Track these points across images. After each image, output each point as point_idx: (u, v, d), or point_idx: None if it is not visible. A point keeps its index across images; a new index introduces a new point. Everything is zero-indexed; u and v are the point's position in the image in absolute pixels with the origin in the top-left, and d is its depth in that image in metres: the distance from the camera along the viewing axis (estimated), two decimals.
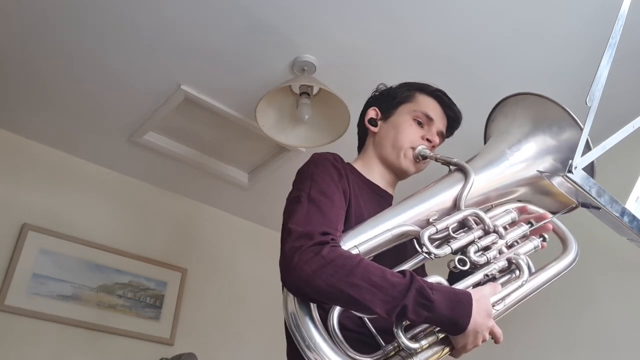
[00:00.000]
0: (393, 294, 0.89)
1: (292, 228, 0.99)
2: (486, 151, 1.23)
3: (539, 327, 2.11)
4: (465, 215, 1.08)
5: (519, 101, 1.25)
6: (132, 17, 1.77)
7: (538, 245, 1.14)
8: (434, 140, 1.31)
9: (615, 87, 1.65)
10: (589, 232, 2.03)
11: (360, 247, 1.00)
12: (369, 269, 0.92)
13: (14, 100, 2.20)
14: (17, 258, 2.22)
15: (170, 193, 2.80)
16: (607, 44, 0.90)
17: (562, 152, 1.17)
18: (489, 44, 1.82)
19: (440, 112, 1.35)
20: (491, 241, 1.07)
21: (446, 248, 1.02)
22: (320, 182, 1.09)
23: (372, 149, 1.35)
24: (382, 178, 1.31)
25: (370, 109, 1.39)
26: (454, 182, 1.15)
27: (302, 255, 0.93)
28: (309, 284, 0.92)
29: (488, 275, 1.03)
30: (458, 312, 0.91)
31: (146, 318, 2.46)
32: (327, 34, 1.81)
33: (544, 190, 1.22)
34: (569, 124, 1.15)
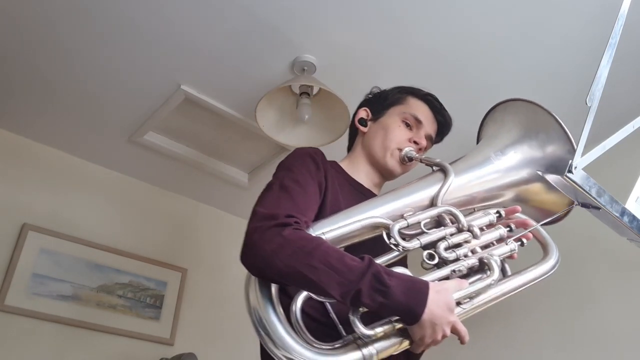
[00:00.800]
0: (349, 277, 0.88)
1: (257, 210, 1.00)
2: (471, 154, 1.23)
3: (538, 326, 2.11)
4: (439, 212, 1.07)
5: (507, 107, 1.25)
6: (132, 17, 1.77)
7: (515, 249, 1.13)
8: (421, 142, 1.31)
9: (615, 87, 1.65)
10: (589, 232, 2.04)
11: (327, 235, 1.00)
12: (328, 251, 0.92)
13: (15, 100, 2.20)
14: (17, 258, 2.22)
15: (170, 193, 2.80)
16: (607, 44, 0.90)
17: (548, 159, 1.16)
18: (489, 44, 1.82)
19: (431, 116, 1.35)
20: (463, 239, 1.06)
21: (415, 242, 1.01)
22: (296, 172, 1.11)
23: (361, 148, 1.36)
24: (367, 178, 1.32)
25: (361, 109, 1.40)
26: (433, 182, 1.14)
27: (263, 234, 0.93)
28: (268, 264, 0.92)
29: (455, 272, 1.01)
30: (413, 300, 0.89)
31: (146, 318, 2.46)
32: (327, 34, 1.81)
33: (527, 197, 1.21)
34: (555, 130, 1.13)
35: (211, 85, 2.07)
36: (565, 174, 0.85)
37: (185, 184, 2.73)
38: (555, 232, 2.12)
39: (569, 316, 2.04)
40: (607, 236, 1.36)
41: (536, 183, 1.18)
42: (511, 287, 1.12)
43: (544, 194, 1.18)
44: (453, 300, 0.96)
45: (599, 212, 0.93)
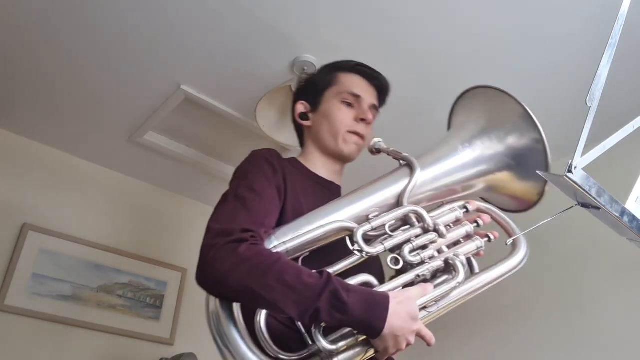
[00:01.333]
0: (307, 296, 0.86)
1: (211, 226, 0.98)
2: (439, 146, 1.20)
3: (538, 326, 2.11)
4: (404, 212, 1.05)
5: (477, 94, 1.21)
6: (132, 17, 1.77)
7: (481, 245, 1.11)
8: (367, 117, 1.29)
9: (615, 87, 1.65)
10: (589, 232, 2.04)
11: (289, 244, 0.98)
12: (284, 268, 0.89)
13: (15, 100, 2.20)
14: (17, 258, 2.22)
15: (170, 193, 2.80)
16: (607, 44, 0.90)
17: (516, 149, 1.14)
18: (489, 44, 1.82)
19: (366, 85, 1.32)
20: (429, 240, 1.04)
21: (379, 246, 1.00)
22: (251, 178, 1.07)
23: (311, 142, 1.33)
24: (326, 168, 1.29)
25: (298, 103, 1.36)
26: (399, 178, 1.12)
27: (217, 253, 0.91)
28: (223, 284, 0.90)
29: (420, 276, 1.00)
30: (372, 316, 0.88)
31: (146, 318, 2.46)
32: (327, 34, 1.81)
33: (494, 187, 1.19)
34: (523, 119, 1.11)
35: (211, 85, 2.07)
36: (565, 173, 0.84)
37: (185, 184, 2.73)
38: (555, 232, 2.13)
39: (568, 316, 2.04)
40: (607, 236, 1.36)
41: (505, 172, 1.16)
42: (479, 285, 1.09)
43: (514, 183, 1.16)
44: (416, 308, 0.94)
45: (599, 212, 0.92)
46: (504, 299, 2.26)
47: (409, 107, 2.06)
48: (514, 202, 1.19)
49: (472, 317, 2.32)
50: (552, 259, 2.18)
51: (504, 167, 1.15)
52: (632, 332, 1.85)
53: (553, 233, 2.12)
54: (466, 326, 2.33)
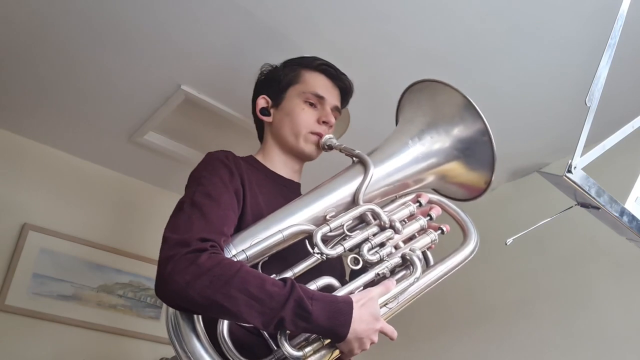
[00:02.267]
0: (271, 306, 0.86)
1: (167, 236, 0.95)
2: (389, 142, 1.22)
3: (537, 326, 2.12)
4: (361, 212, 1.07)
5: (423, 88, 1.25)
6: (132, 18, 1.77)
7: (435, 238, 1.14)
8: (329, 120, 1.29)
9: (615, 87, 1.65)
10: (589, 232, 2.04)
11: (248, 252, 0.97)
12: (247, 278, 0.88)
13: (15, 100, 2.20)
14: (17, 258, 2.22)
15: (170, 193, 2.80)
16: (607, 44, 0.90)
17: (464, 141, 1.17)
18: (488, 44, 1.82)
19: (330, 85, 1.32)
20: (386, 237, 1.06)
21: (339, 247, 1.01)
22: (206, 184, 1.05)
23: (271, 139, 1.31)
24: (285, 166, 1.29)
25: (260, 98, 1.34)
26: (353, 176, 1.14)
27: (176, 264, 0.88)
28: (183, 296, 0.87)
29: (379, 275, 1.02)
30: (336, 323, 0.89)
31: (146, 318, 2.46)
32: (327, 34, 1.81)
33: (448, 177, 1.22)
34: (470, 113, 1.14)
35: (211, 85, 2.07)
36: (564, 173, 0.85)
37: (185, 184, 2.73)
38: (555, 232, 2.13)
39: (568, 316, 2.04)
40: (606, 236, 1.36)
41: (454, 163, 1.19)
42: (435, 277, 1.13)
43: (463, 174, 1.20)
44: (378, 308, 0.95)
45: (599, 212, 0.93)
46: (504, 299, 2.26)
47: None
48: (463, 190, 1.22)
49: (471, 317, 2.33)
50: (552, 259, 2.18)
51: (453, 158, 1.18)
52: (631, 332, 1.85)
53: (553, 233, 2.13)
54: (466, 326, 2.33)
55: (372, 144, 1.35)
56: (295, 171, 1.31)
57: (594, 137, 0.88)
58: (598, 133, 0.93)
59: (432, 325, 1.07)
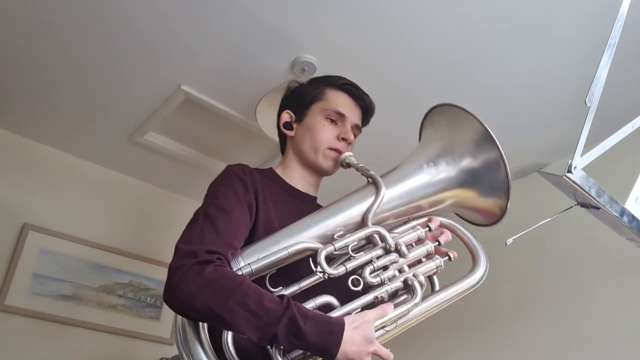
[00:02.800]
0: (266, 321, 0.90)
1: (179, 246, 1.01)
2: (405, 164, 1.24)
3: (537, 327, 2.12)
4: (367, 234, 1.09)
5: (444, 112, 1.24)
6: (132, 18, 1.77)
7: (441, 264, 1.14)
8: (349, 137, 1.31)
9: (615, 87, 1.65)
10: (589, 232, 2.04)
11: (254, 266, 1.01)
12: (247, 293, 0.92)
13: (15, 100, 2.20)
14: (18, 258, 2.23)
15: (170, 193, 2.81)
16: (607, 44, 0.90)
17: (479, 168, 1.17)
18: (489, 44, 1.82)
19: (352, 104, 1.35)
20: (390, 260, 1.08)
21: (341, 268, 1.03)
22: (221, 197, 1.09)
23: (292, 152, 1.36)
24: (303, 181, 1.32)
25: (284, 112, 1.38)
26: (365, 196, 1.15)
27: (184, 275, 0.94)
28: (188, 306, 0.94)
29: (378, 298, 1.04)
30: (327, 342, 0.92)
31: (146, 318, 2.47)
32: (327, 34, 1.81)
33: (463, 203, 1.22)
34: (486, 140, 1.14)
35: (211, 85, 2.07)
36: (564, 174, 0.85)
37: (185, 184, 2.73)
38: (555, 232, 2.14)
39: (568, 316, 2.04)
40: (606, 236, 1.36)
41: (469, 190, 1.19)
42: (439, 302, 1.13)
43: (478, 200, 1.20)
44: (372, 331, 0.97)
45: (599, 212, 0.93)
46: (504, 299, 2.26)
47: (408, 107, 2.07)
48: (480, 216, 1.23)
49: (472, 317, 2.33)
50: (552, 259, 2.18)
51: (468, 185, 1.19)
52: (631, 332, 1.85)
53: (553, 233, 2.13)
54: (466, 326, 2.33)
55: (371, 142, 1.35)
56: (312, 185, 1.35)
57: (594, 137, 0.88)
58: (598, 133, 0.93)
59: (432, 326, 1.07)
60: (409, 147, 1.45)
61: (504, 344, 2.20)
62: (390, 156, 1.51)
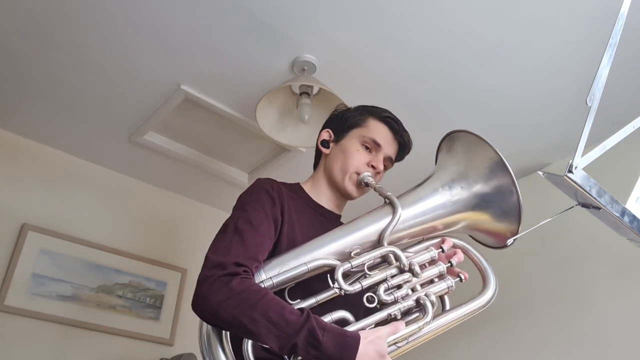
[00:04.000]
0: (287, 332, 0.97)
1: (209, 256, 1.07)
2: (422, 186, 1.29)
3: (538, 327, 2.11)
4: (382, 253, 1.15)
5: (460, 137, 1.29)
6: (132, 17, 1.77)
7: (452, 285, 1.19)
8: (378, 167, 1.35)
9: (615, 87, 1.65)
10: (590, 232, 2.04)
11: (275, 279, 1.08)
12: (269, 305, 0.99)
13: (15, 100, 2.20)
14: (17, 258, 2.22)
15: (170, 193, 2.80)
16: (607, 44, 0.90)
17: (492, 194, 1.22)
18: (489, 45, 1.81)
19: (390, 137, 1.38)
20: (404, 280, 1.13)
21: (357, 285, 1.09)
22: (250, 211, 1.16)
23: (322, 170, 1.40)
24: (328, 200, 1.37)
25: (324, 130, 1.44)
26: (382, 216, 1.20)
27: (212, 285, 1.01)
28: (214, 314, 1.01)
29: (391, 315, 1.09)
30: (343, 354, 0.97)
31: (146, 318, 2.46)
32: (327, 34, 1.81)
33: (475, 226, 1.27)
34: (500, 168, 1.19)
35: (211, 85, 2.07)
36: (565, 174, 0.84)
37: (185, 184, 2.73)
38: (556, 232, 2.13)
39: (568, 316, 2.04)
40: (607, 236, 1.36)
41: (481, 214, 1.24)
42: (448, 322, 1.19)
43: (490, 224, 1.25)
44: (385, 346, 1.02)
45: (599, 212, 0.92)
46: (504, 299, 2.25)
47: (408, 107, 2.06)
48: (492, 239, 1.27)
49: (472, 318, 2.32)
50: (552, 259, 2.18)
51: (481, 208, 1.24)
52: (632, 331, 1.85)
53: (553, 233, 2.13)
54: (466, 326, 2.32)
55: None
56: (337, 206, 1.40)
57: (594, 137, 0.87)
58: (599, 133, 0.93)
59: None
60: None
61: (504, 344, 2.20)
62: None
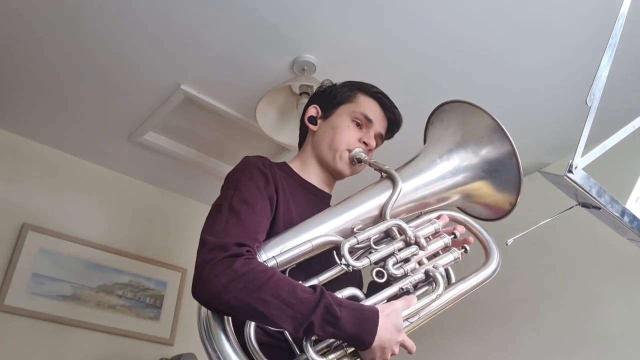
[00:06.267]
0: (301, 311, 0.90)
1: (207, 239, 0.98)
2: (418, 159, 1.25)
3: (538, 327, 2.11)
4: (387, 227, 1.09)
5: (453, 108, 1.26)
6: (132, 17, 1.77)
7: (458, 256, 1.16)
8: (370, 143, 1.30)
9: (615, 87, 1.65)
10: (590, 232, 2.04)
11: (278, 259, 1.00)
12: (279, 284, 0.91)
13: (14, 100, 2.20)
14: (17, 258, 2.22)
15: (170, 193, 2.80)
16: (607, 44, 0.90)
17: (491, 162, 1.19)
18: (489, 44, 1.81)
19: (381, 114, 1.34)
20: (411, 253, 1.08)
21: (365, 260, 1.03)
22: (243, 189, 1.07)
23: (310, 148, 1.34)
24: (318, 178, 1.31)
25: (312, 106, 1.37)
26: (382, 190, 1.16)
27: (214, 268, 0.92)
28: (219, 299, 0.91)
29: (403, 289, 1.05)
30: (363, 330, 0.92)
31: (146, 318, 2.46)
32: (327, 34, 1.81)
33: (473, 197, 1.24)
34: (498, 135, 1.16)
35: (211, 85, 2.07)
36: (565, 174, 0.84)
37: (185, 183, 2.73)
38: (556, 232, 2.13)
39: (569, 316, 2.04)
40: (607, 236, 1.36)
41: (480, 183, 1.21)
42: (456, 295, 1.14)
43: (489, 194, 1.22)
44: (401, 321, 0.98)
45: (599, 212, 0.92)
46: (504, 299, 2.26)
47: (408, 107, 2.06)
48: (488, 211, 1.24)
49: (473, 317, 2.32)
50: (553, 259, 2.18)
51: (479, 178, 1.20)
52: (631, 331, 1.85)
53: (554, 233, 2.12)
54: (467, 326, 2.33)
55: None
56: (327, 184, 1.34)
57: (594, 137, 0.87)
58: (599, 133, 0.93)
59: (432, 325, 1.07)
60: (408, 146, 1.45)
61: (505, 344, 2.20)
62: (390, 155, 1.51)
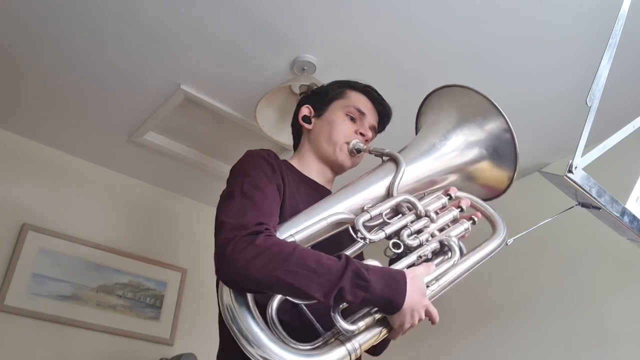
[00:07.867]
0: (330, 278, 0.90)
1: (225, 221, 0.99)
2: (417, 142, 1.29)
3: (538, 327, 2.11)
4: (398, 202, 1.12)
5: (443, 94, 1.30)
6: (132, 17, 1.77)
7: (468, 227, 1.18)
8: (367, 134, 1.35)
9: (615, 87, 1.65)
10: (590, 232, 2.04)
11: (296, 236, 1.01)
12: (304, 254, 0.93)
13: (14, 100, 2.20)
14: (17, 258, 2.22)
15: (170, 193, 2.80)
16: (607, 44, 0.90)
17: (488, 139, 1.24)
18: (489, 44, 1.82)
19: (371, 107, 1.39)
20: (423, 225, 1.11)
21: (380, 233, 1.05)
22: (253, 176, 1.10)
23: (308, 145, 1.37)
24: (319, 174, 1.34)
25: (304, 106, 1.41)
26: (386, 172, 1.19)
27: (236, 245, 0.92)
28: (244, 275, 0.91)
29: (421, 257, 1.06)
30: (393, 290, 0.93)
31: (146, 318, 2.46)
32: (327, 34, 1.81)
33: (471, 177, 1.28)
34: (491, 112, 1.21)
35: (211, 85, 2.07)
36: (565, 173, 0.84)
37: (185, 183, 2.73)
38: (556, 232, 2.13)
39: (568, 316, 2.04)
40: (607, 236, 1.36)
41: (480, 162, 1.25)
42: (469, 265, 1.15)
43: (488, 172, 1.26)
44: (424, 285, 0.99)
45: (599, 212, 0.93)
46: (504, 299, 2.26)
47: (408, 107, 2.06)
48: (486, 190, 1.28)
49: (473, 316, 2.32)
50: (553, 259, 2.18)
51: (479, 157, 1.25)
52: (632, 331, 1.85)
53: (554, 233, 2.12)
54: (467, 325, 2.33)
55: None
56: (328, 180, 1.37)
57: (594, 137, 0.87)
58: (599, 133, 0.93)
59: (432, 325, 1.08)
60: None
61: (504, 343, 2.20)
62: None
